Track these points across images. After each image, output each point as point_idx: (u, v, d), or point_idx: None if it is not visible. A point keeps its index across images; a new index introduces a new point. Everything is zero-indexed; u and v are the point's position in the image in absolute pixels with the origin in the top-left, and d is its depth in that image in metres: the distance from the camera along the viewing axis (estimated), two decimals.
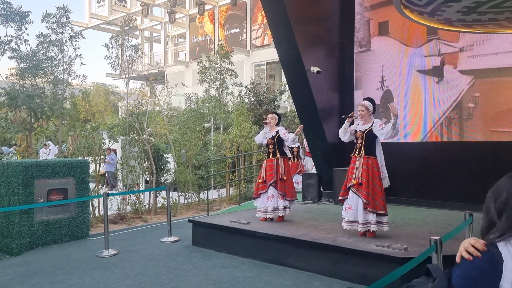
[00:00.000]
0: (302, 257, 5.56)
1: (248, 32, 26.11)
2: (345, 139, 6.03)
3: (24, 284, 5.33)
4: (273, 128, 7.09)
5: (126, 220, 9.78)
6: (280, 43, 8.71)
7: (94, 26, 32.13)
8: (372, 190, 5.61)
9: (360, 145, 5.80)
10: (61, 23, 9.86)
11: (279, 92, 17.10)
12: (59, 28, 9.86)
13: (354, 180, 5.65)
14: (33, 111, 9.63)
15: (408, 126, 8.58)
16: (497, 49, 7.44)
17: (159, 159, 11.28)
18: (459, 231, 4.09)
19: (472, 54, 7.74)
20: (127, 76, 10.94)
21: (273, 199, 6.88)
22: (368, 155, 5.73)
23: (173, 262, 6.07)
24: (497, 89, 7.51)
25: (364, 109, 5.86)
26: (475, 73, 7.75)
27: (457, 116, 7.98)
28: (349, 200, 5.71)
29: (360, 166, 5.69)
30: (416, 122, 8.48)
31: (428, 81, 8.36)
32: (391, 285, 4.57)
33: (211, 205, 11.69)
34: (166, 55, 32.13)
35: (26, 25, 9.59)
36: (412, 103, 8.55)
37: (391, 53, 8.87)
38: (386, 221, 5.71)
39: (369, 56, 9.20)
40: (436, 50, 8.21)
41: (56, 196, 7.53)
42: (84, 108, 22.94)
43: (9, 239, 7.13)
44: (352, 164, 5.84)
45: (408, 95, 8.63)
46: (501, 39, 7.40)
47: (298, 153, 11.92)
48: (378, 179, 5.72)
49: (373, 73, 9.13)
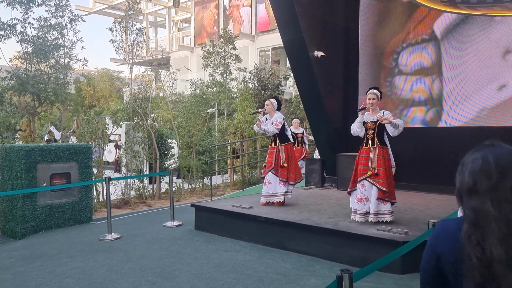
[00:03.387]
0: (303, 241, 5.58)
1: (253, 17, 25.92)
2: (362, 134, 5.79)
3: (28, 266, 5.38)
4: (272, 114, 7.03)
5: (130, 205, 9.84)
6: (284, 27, 8.62)
7: (98, 11, 32.01)
8: (389, 180, 5.57)
9: (373, 136, 5.67)
10: (61, 6, 9.78)
11: (283, 77, 17.01)
12: (59, 12, 9.78)
13: (370, 171, 5.55)
14: (37, 95, 9.62)
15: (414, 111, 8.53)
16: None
17: (162, 144, 11.29)
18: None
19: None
20: (131, 61, 10.89)
21: (270, 185, 6.89)
22: (382, 145, 5.65)
23: (176, 245, 6.10)
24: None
25: (375, 97, 5.69)
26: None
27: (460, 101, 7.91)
28: (365, 191, 5.57)
29: (375, 157, 5.58)
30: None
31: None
32: (391, 267, 4.59)
33: (215, 190, 11.74)
34: (171, 40, 32.01)
35: (33, 8, 9.49)
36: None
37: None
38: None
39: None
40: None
41: (59, 181, 7.57)
42: (88, 93, 22.92)
43: (12, 223, 7.19)
44: (364, 155, 5.69)
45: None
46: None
47: (303, 138, 11.87)
48: (391, 169, 5.71)
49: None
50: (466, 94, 7.83)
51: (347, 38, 9.40)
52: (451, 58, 8.01)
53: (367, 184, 5.57)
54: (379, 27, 9.01)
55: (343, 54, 9.37)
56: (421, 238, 2.95)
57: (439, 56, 8.17)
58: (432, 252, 1.36)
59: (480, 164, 1.28)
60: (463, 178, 1.31)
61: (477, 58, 7.68)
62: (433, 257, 1.36)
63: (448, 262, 1.31)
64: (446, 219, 1.42)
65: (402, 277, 4.63)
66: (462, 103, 7.90)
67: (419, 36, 8.40)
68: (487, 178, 1.25)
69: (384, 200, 5.53)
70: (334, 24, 9.16)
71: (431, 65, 8.25)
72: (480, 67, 7.64)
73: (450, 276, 1.31)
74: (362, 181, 5.60)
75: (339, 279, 2.02)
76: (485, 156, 1.29)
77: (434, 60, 8.22)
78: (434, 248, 1.36)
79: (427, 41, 8.31)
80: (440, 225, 1.41)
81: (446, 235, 1.35)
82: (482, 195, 1.24)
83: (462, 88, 7.87)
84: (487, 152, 1.31)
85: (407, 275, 4.66)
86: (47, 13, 9.72)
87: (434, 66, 8.21)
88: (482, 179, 1.26)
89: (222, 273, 4.89)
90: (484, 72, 7.59)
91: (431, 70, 8.26)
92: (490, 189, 1.23)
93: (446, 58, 8.07)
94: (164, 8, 32.05)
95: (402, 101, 8.66)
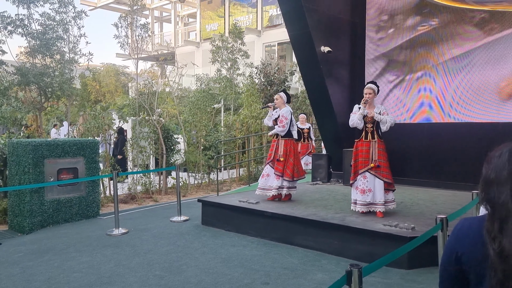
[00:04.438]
0: (310, 236, 5.59)
1: (259, 12, 25.85)
2: (361, 126, 5.92)
3: (36, 261, 5.42)
4: (282, 108, 7.02)
5: (137, 200, 9.88)
6: (290, 22, 8.59)
7: (103, 6, 32.01)
8: (389, 171, 5.83)
9: (372, 129, 5.84)
10: (64, 3, 9.81)
11: (289, 72, 16.97)
12: (62, 8, 9.82)
13: (372, 163, 5.73)
14: (43, 90, 9.67)
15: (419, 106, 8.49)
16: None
17: (169, 139, 11.31)
18: (466, 211, 4.07)
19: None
20: (136, 56, 10.91)
21: (267, 177, 6.91)
22: (381, 139, 5.86)
23: (183, 240, 6.12)
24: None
25: (372, 92, 5.88)
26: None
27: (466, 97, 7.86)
28: (367, 183, 5.74)
29: (376, 150, 5.77)
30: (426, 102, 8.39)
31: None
32: (398, 262, 4.59)
33: (221, 185, 11.75)
34: (177, 35, 31.98)
35: (36, 3, 9.56)
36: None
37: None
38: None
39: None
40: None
41: (66, 176, 7.60)
42: (94, 88, 22.95)
43: (20, 218, 7.23)
44: (365, 147, 5.83)
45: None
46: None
47: (309, 134, 11.86)
48: (388, 161, 5.91)
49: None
50: (474, 89, 7.78)
51: (354, 33, 9.36)
52: (458, 51, 7.96)
53: (369, 176, 5.74)
54: (386, 22, 8.96)
55: (350, 49, 9.33)
56: (428, 234, 2.94)
57: (446, 50, 8.11)
58: (452, 252, 1.36)
59: (506, 158, 1.28)
60: (486, 171, 1.32)
61: (485, 51, 7.62)
62: (453, 257, 1.35)
63: (469, 262, 1.31)
64: (467, 218, 1.41)
65: (409, 272, 4.63)
66: (470, 98, 7.85)
67: (426, 31, 8.35)
68: (508, 170, 1.25)
69: (388, 190, 5.79)
70: (340, 19, 9.12)
71: (438, 60, 8.20)
72: (488, 60, 7.58)
73: (471, 276, 1.31)
74: (364, 172, 5.76)
75: (348, 274, 2.03)
76: (510, 150, 1.29)
77: (440, 54, 8.17)
78: (454, 248, 1.36)
79: (434, 36, 8.26)
80: (460, 225, 1.40)
81: (467, 234, 1.34)
82: (502, 186, 1.24)
83: (470, 82, 7.82)
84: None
85: (414, 270, 4.66)
86: (51, 11, 9.77)
87: (441, 60, 8.16)
88: (503, 171, 1.26)
89: (229, 267, 4.91)
90: (492, 66, 7.54)
91: (437, 65, 8.21)
92: (510, 180, 1.23)
93: (454, 51, 8.02)
94: (169, 3, 32.01)
95: (409, 96, 8.61)
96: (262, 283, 4.44)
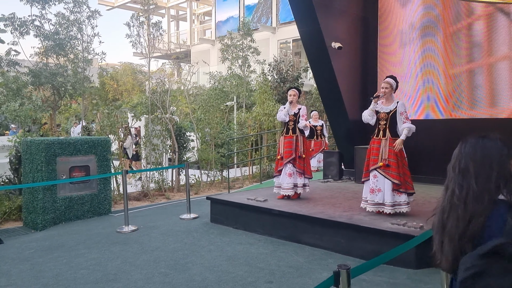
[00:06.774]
0: (317, 234, 5.54)
1: (274, 9, 25.75)
2: (372, 122, 5.76)
3: (46, 257, 5.49)
4: (295, 105, 6.96)
5: (149, 197, 9.95)
6: (300, 18, 8.52)
7: (120, 5, 32.30)
8: (402, 171, 5.54)
9: (384, 126, 5.63)
10: (78, 2, 9.91)
11: (303, 69, 16.86)
12: (76, 8, 9.92)
13: (381, 162, 5.52)
14: (56, 89, 9.79)
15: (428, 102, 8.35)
16: None
17: (181, 137, 11.35)
18: None
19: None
20: (148, 55, 10.97)
21: (292, 176, 6.81)
22: (394, 137, 5.60)
23: (191, 238, 6.14)
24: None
25: (389, 86, 5.67)
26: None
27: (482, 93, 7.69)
28: (377, 182, 5.56)
29: (386, 148, 5.55)
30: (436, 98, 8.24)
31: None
32: (405, 262, 4.52)
33: (234, 183, 11.76)
34: (192, 34, 32.10)
35: (50, 3, 9.68)
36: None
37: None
38: (412, 200, 5.73)
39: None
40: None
41: (78, 173, 7.69)
42: (112, 87, 23.19)
43: (34, 215, 7.35)
44: (376, 145, 5.68)
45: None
46: None
47: (322, 131, 11.78)
48: (405, 159, 5.69)
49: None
50: (487, 84, 7.61)
51: (365, 29, 9.24)
52: (469, 46, 7.80)
53: (379, 175, 5.55)
54: (397, 17, 8.83)
55: (361, 45, 9.21)
56: (428, 233, 2.87)
57: (456, 44, 7.96)
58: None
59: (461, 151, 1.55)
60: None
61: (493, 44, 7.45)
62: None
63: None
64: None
65: (417, 272, 4.56)
66: (483, 93, 7.68)
67: (435, 25, 8.19)
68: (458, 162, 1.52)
69: (399, 191, 5.50)
70: (351, 15, 9.01)
71: (447, 55, 8.04)
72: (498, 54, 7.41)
73: None
74: (374, 171, 5.59)
75: (336, 274, 1.99)
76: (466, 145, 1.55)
77: (451, 49, 8.01)
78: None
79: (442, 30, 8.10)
80: None
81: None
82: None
83: (483, 77, 7.65)
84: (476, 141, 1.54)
85: (422, 270, 4.58)
86: (65, 10, 9.88)
87: (454, 55, 8.01)
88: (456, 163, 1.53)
89: (234, 265, 4.90)
90: (502, 61, 7.37)
91: (448, 61, 8.05)
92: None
93: (465, 45, 7.86)
94: (185, 1, 32.13)
95: (421, 92, 8.47)
96: (266, 281, 4.42)
